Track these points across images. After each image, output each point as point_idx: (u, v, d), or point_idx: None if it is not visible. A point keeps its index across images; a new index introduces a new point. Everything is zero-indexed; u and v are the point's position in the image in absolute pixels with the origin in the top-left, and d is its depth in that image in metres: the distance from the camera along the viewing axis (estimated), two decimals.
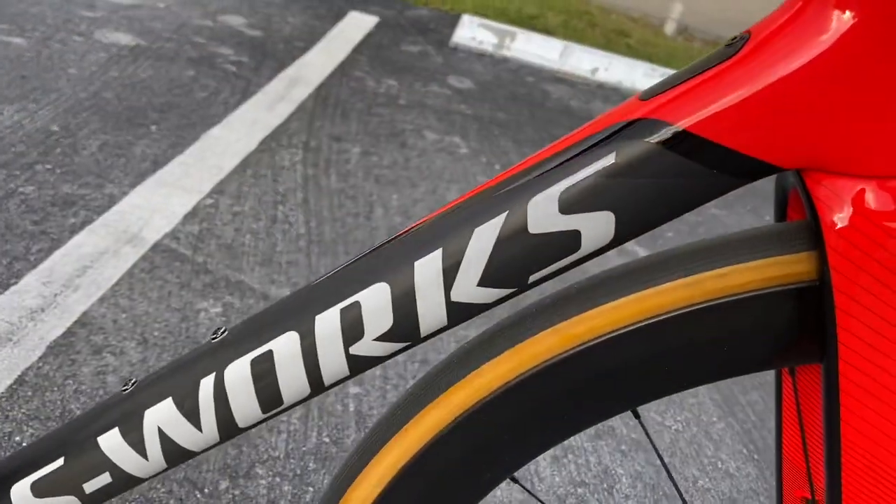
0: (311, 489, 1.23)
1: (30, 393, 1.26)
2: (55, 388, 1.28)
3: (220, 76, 2.75)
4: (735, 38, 0.39)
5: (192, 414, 0.48)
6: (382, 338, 0.44)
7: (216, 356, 0.47)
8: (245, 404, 0.47)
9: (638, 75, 3.89)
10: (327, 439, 1.33)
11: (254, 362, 0.46)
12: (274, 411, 0.48)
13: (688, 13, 5.62)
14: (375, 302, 0.43)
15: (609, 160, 0.39)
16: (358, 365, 0.46)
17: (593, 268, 0.50)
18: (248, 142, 2.33)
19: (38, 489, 0.52)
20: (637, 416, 0.50)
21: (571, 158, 0.40)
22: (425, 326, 0.44)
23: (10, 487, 0.52)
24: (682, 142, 0.38)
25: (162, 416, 0.48)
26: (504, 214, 0.41)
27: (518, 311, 0.47)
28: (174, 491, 1.16)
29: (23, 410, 1.23)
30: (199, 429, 0.48)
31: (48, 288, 1.50)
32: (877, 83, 0.36)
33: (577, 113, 3.37)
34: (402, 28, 3.95)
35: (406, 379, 1.51)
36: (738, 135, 0.37)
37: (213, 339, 0.49)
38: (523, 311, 0.47)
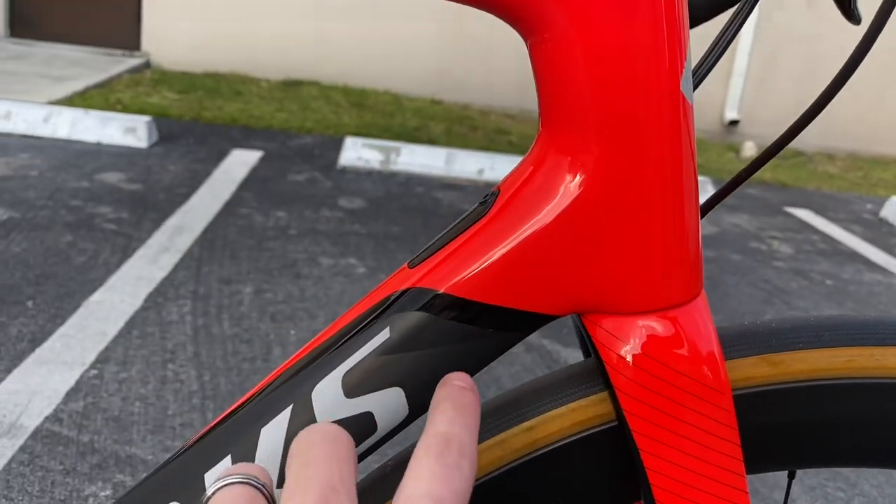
0: None
1: None
2: None
3: (100, 237, 2.68)
4: (486, 195, 0.39)
5: None
6: None
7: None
8: None
9: None
10: None
11: None
12: None
13: None
14: None
15: (384, 335, 0.37)
16: None
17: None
18: (133, 301, 2.25)
19: None
20: None
21: (349, 339, 0.39)
22: None
23: None
24: (450, 307, 0.37)
25: None
26: (289, 409, 0.38)
27: None
28: None
29: None
30: None
31: None
32: (624, 224, 0.36)
33: None
34: (286, 158, 3.99)
35: None
36: (501, 292, 0.37)
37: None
38: None
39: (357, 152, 3.94)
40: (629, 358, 0.37)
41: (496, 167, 3.99)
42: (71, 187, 3.14)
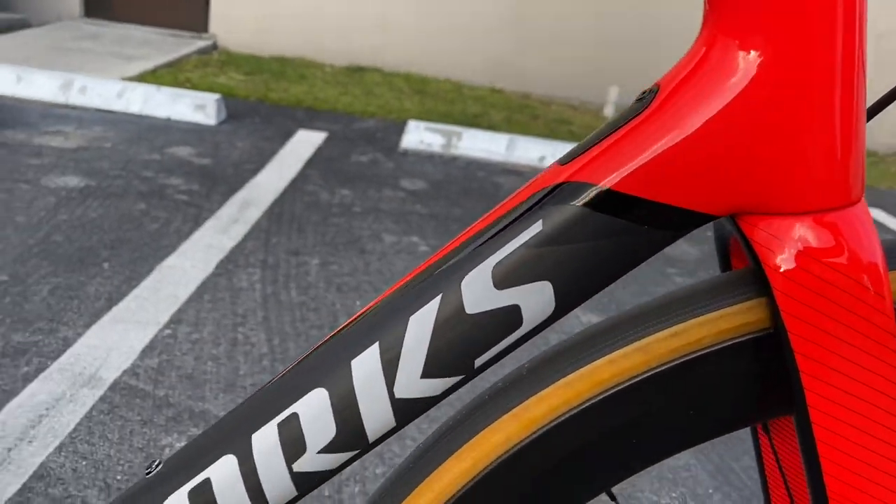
0: None
1: None
2: None
3: (171, 206, 2.75)
4: (644, 92, 0.39)
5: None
6: (327, 449, 0.41)
7: (152, 492, 0.43)
8: None
9: None
10: None
11: (192, 494, 0.42)
12: None
13: (624, 94, 5.84)
14: (314, 411, 0.40)
15: (537, 228, 0.37)
16: (305, 483, 0.42)
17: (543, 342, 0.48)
18: (205, 267, 2.30)
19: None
20: (613, 497, 0.47)
21: (500, 231, 0.39)
22: (372, 430, 0.40)
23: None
24: (606, 200, 0.37)
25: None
26: (438, 298, 0.39)
27: (471, 401, 0.44)
28: None
29: None
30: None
31: (1, 443, 1.42)
32: (792, 119, 0.35)
33: None
34: (350, 140, 4.02)
35: None
36: (660, 187, 0.36)
37: (148, 473, 0.45)
38: (476, 399, 0.44)
39: (419, 136, 3.95)
40: (790, 259, 0.36)
41: (558, 154, 3.95)
42: (143, 159, 3.23)
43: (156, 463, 0.45)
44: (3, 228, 2.35)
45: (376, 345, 0.39)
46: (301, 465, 0.41)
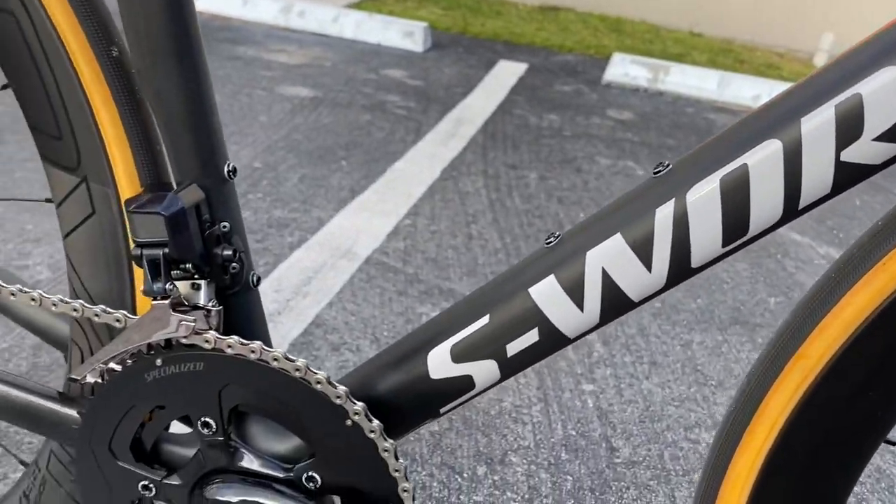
0: (569, 478, 1.17)
1: None
2: None
3: (393, 119, 2.86)
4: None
5: (642, 250, 0.44)
6: (884, 137, 0.40)
7: (672, 181, 0.44)
8: (705, 235, 0.43)
9: None
10: (573, 432, 1.28)
11: (724, 180, 0.42)
12: (733, 245, 0.44)
13: (839, 43, 5.38)
14: (884, 93, 0.39)
15: None
16: (843, 178, 0.41)
17: None
18: (431, 172, 2.38)
19: (458, 352, 0.50)
20: None
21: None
22: None
23: (428, 352, 0.51)
24: None
25: (608, 254, 0.45)
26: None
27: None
28: (435, 475, 1.13)
29: None
30: (649, 268, 0.45)
31: (280, 294, 1.56)
32: None
33: None
34: (551, 72, 3.99)
35: (626, 378, 1.44)
36: None
37: (658, 172, 0.46)
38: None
39: (624, 68, 3.85)
40: None
41: (773, 94, 3.72)
42: (361, 78, 3.37)
43: (665, 165, 0.46)
44: (251, 126, 2.54)
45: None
46: (850, 155, 0.40)
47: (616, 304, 0.46)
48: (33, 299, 0.50)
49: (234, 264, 0.51)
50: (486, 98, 3.34)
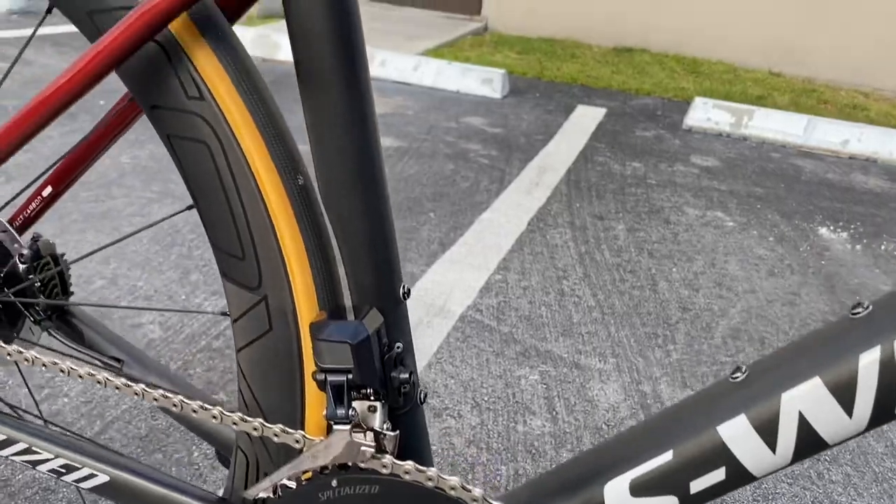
0: None
1: None
2: None
3: (476, 168, 2.88)
4: None
5: (844, 395, 0.43)
6: None
7: (876, 325, 0.43)
8: None
9: None
10: None
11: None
12: None
13: None
14: None
15: None
16: None
17: None
18: (518, 223, 2.38)
19: (637, 486, 0.49)
20: None
21: None
22: None
23: (605, 483, 0.50)
24: None
25: (806, 398, 0.44)
26: None
27: None
28: None
29: None
30: (849, 413, 0.43)
31: None
32: None
33: (837, 185, 3.16)
34: (630, 116, 3.97)
35: None
36: None
37: (857, 314, 0.44)
38: None
39: (706, 113, 3.80)
40: None
41: (864, 139, 3.61)
42: (443, 126, 3.41)
43: (864, 306, 0.45)
44: None
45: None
46: None
47: (810, 446, 0.45)
48: (214, 417, 0.52)
49: (407, 385, 0.51)
50: (567, 145, 3.33)
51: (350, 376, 0.48)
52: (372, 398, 0.50)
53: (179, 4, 0.49)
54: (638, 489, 0.49)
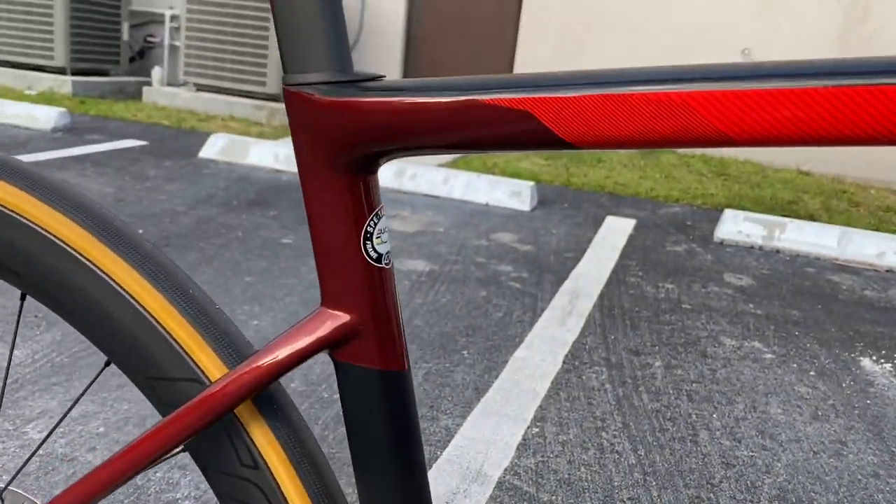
0: None
1: None
2: None
3: (508, 294, 2.88)
4: None
5: None
6: None
7: None
8: None
9: None
10: None
11: None
12: None
13: None
14: None
15: None
16: None
17: None
18: (553, 361, 2.36)
19: None
20: None
21: None
22: None
23: None
24: None
25: None
26: None
27: None
28: None
29: None
30: None
31: None
32: None
33: (876, 304, 3.10)
34: (660, 227, 3.97)
35: None
36: None
37: None
38: None
39: (737, 225, 3.79)
40: None
41: None
42: (473, 244, 3.44)
43: None
44: None
45: None
46: None
47: None
48: None
49: None
50: (597, 263, 3.33)
51: None
52: None
53: (247, 391, 0.49)
54: None
